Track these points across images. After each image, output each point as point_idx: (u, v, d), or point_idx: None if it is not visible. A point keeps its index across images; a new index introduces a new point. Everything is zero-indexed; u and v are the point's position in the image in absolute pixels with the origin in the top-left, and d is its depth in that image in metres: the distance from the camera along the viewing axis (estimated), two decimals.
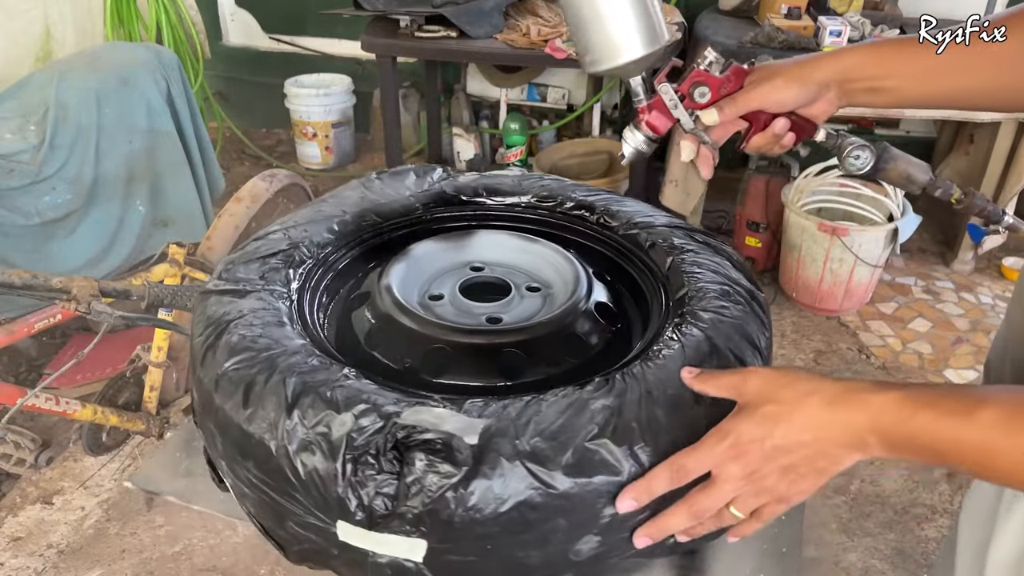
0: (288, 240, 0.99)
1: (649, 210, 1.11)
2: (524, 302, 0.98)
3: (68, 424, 2.17)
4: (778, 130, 0.90)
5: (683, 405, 0.74)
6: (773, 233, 3.06)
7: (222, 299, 0.88)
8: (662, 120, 0.92)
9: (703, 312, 0.87)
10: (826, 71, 0.87)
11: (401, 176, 1.16)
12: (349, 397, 0.72)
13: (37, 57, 2.92)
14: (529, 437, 0.69)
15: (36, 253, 2.19)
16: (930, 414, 0.61)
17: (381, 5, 2.96)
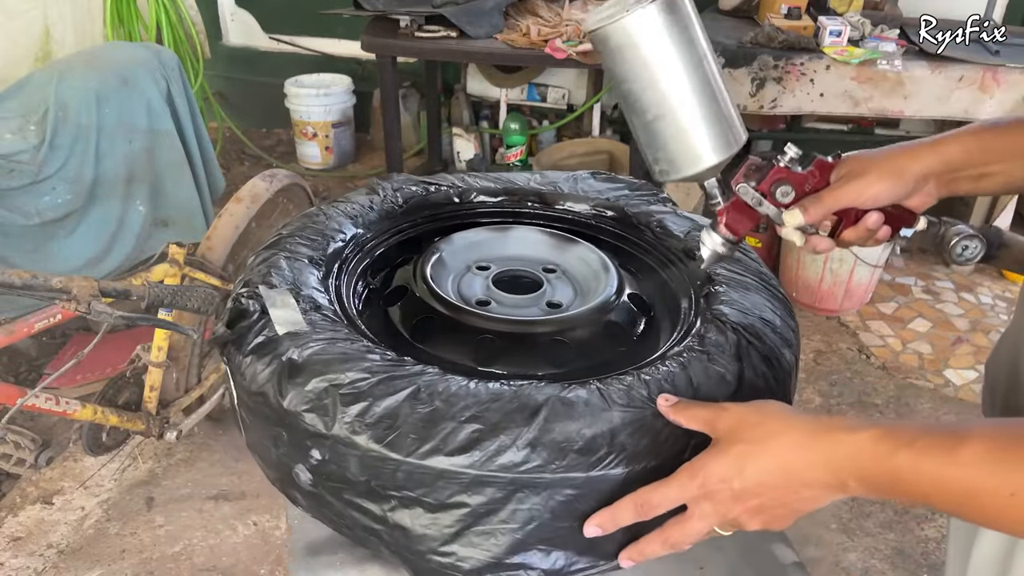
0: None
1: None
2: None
3: (68, 424, 2.17)
4: (872, 224, 0.83)
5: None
6: (773, 233, 3.06)
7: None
8: (741, 221, 0.85)
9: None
10: (925, 164, 0.81)
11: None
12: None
13: (36, 57, 2.92)
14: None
15: (36, 253, 2.19)
16: (910, 453, 0.57)
17: (381, 5, 2.96)
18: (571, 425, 0.72)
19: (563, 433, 0.71)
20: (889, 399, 2.55)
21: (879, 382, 2.62)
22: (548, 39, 2.82)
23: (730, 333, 0.85)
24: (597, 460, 0.71)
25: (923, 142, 0.83)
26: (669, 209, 1.10)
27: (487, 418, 0.72)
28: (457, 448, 0.70)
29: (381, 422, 0.72)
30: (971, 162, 0.81)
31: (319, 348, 0.80)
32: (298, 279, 0.92)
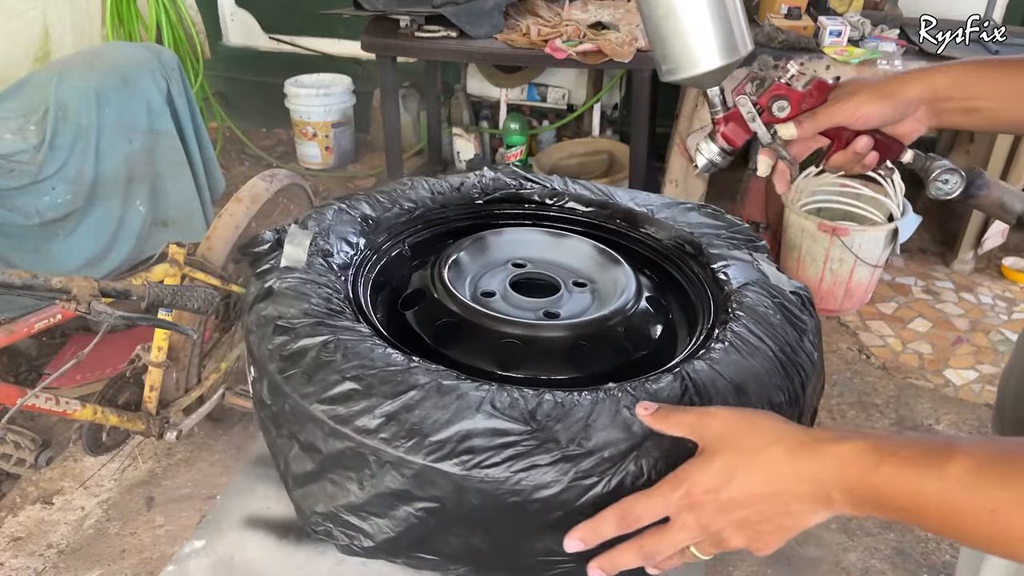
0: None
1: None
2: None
3: (68, 424, 2.18)
4: (860, 148, 0.85)
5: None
6: (773, 233, 3.06)
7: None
8: (738, 132, 0.89)
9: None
10: (916, 88, 0.83)
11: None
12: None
13: (35, 58, 2.92)
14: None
15: (36, 253, 2.19)
16: (894, 464, 0.56)
17: (381, 5, 2.96)
18: (435, 413, 0.73)
19: (421, 416, 0.73)
20: (889, 399, 2.55)
21: (879, 382, 2.62)
22: (548, 39, 2.82)
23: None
24: (445, 454, 0.71)
25: (917, 70, 0.85)
26: (747, 258, 1.02)
27: (367, 382, 0.76)
28: (327, 398, 0.76)
29: (290, 358, 0.80)
30: (961, 93, 0.82)
31: (291, 284, 0.89)
32: (336, 230, 1.01)
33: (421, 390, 0.75)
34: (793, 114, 0.86)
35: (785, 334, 0.87)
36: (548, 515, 0.71)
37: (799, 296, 0.94)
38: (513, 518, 0.72)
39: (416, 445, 0.72)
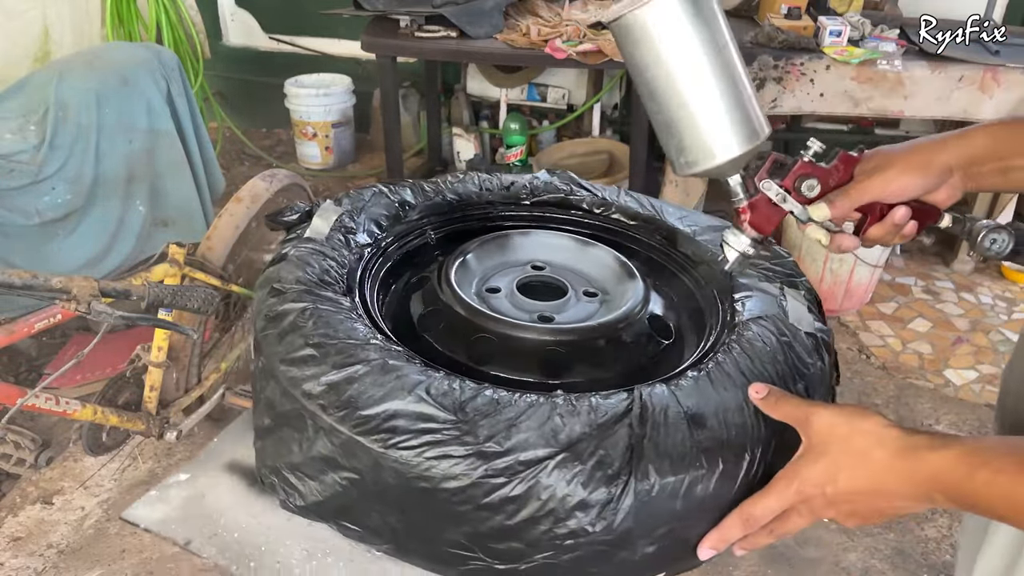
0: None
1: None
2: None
3: (68, 424, 2.17)
4: (898, 220, 0.82)
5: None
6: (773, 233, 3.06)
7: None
8: (767, 218, 0.84)
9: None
10: (950, 156, 0.80)
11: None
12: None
13: (35, 58, 2.92)
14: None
15: (36, 253, 2.19)
16: (986, 473, 0.61)
17: (381, 5, 2.95)
18: (371, 389, 0.76)
19: (359, 391, 0.75)
20: (889, 399, 2.55)
21: (879, 382, 2.62)
22: (548, 39, 2.82)
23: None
24: (368, 429, 0.74)
25: (949, 134, 0.82)
26: (774, 292, 0.99)
27: (324, 350, 0.79)
28: (288, 360, 0.81)
29: (272, 321, 0.86)
30: (997, 154, 0.80)
31: (301, 253, 0.94)
32: (370, 211, 1.05)
33: (367, 365, 0.78)
34: (823, 192, 0.83)
35: (775, 374, 0.84)
36: (455, 507, 0.72)
37: (815, 339, 0.90)
38: (423, 504, 0.74)
39: (346, 416, 0.75)
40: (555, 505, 0.70)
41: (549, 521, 0.71)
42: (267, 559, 0.87)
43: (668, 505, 0.72)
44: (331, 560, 0.86)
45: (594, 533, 0.71)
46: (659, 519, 0.72)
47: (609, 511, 0.70)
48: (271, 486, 0.85)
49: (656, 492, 0.71)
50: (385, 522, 0.78)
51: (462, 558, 0.75)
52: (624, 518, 0.71)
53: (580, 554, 0.72)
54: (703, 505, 0.74)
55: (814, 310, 0.96)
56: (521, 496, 0.70)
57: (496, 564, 0.73)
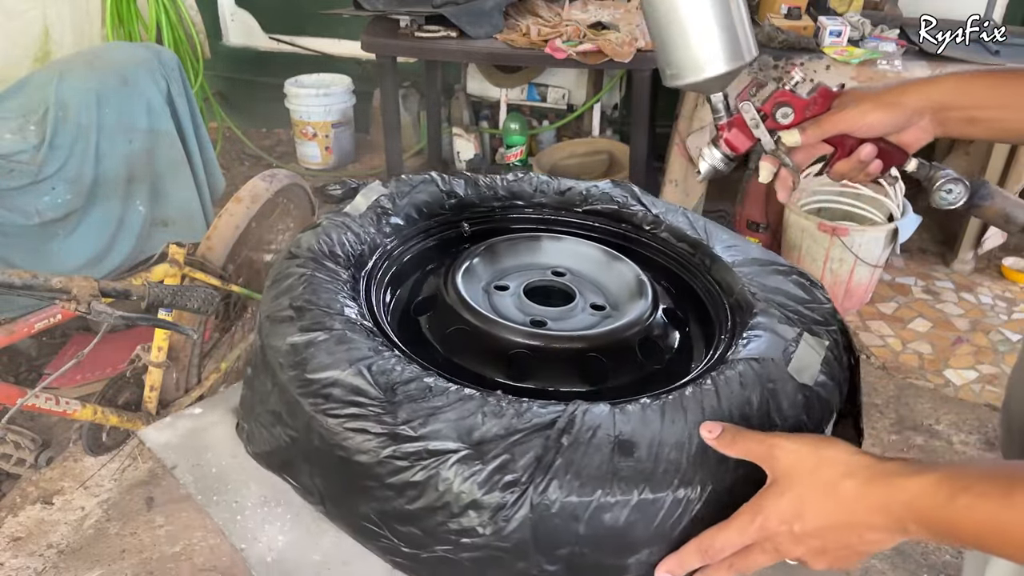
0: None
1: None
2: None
3: (68, 424, 2.18)
4: (864, 156, 0.85)
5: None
6: (773, 233, 3.06)
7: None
8: (742, 139, 0.88)
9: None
10: (920, 97, 0.83)
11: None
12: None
13: (35, 58, 2.92)
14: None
15: (36, 253, 2.19)
16: (967, 499, 0.58)
17: (381, 5, 2.96)
18: (322, 355, 0.80)
19: (312, 354, 0.80)
20: (889, 399, 2.55)
21: (879, 382, 2.62)
22: (548, 39, 2.82)
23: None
24: (308, 392, 0.78)
25: (920, 79, 0.85)
26: (787, 335, 0.90)
27: (301, 313, 0.85)
28: (270, 317, 0.87)
29: (276, 280, 0.92)
30: (965, 103, 0.82)
31: (328, 225, 1.00)
32: (414, 197, 1.09)
33: (328, 333, 0.82)
34: (797, 121, 0.85)
35: (739, 418, 0.77)
36: (365, 480, 0.74)
37: (805, 396, 0.83)
38: (341, 473, 0.76)
39: (295, 377, 0.80)
40: (450, 499, 0.70)
41: (444, 514, 0.71)
42: (228, 496, 0.94)
43: (570, 526, 0.69)
44: (280, 511, 0.92)
45: (485, 536, 0.70)
46: (559, 538, 0.70)
47: (501, 517, 0.69)
48: (239, 430, 0.93)
49: (556, 510, 0.69)
50: (314, 483, 0.82)
51: (374, 533, 0.77)
52: (518, 528, 0.69)
53: (478, 555, 0.71)
54: (613, 534, 0.70)
55: (833, 365, 0.88)
56: (421, 483, 0.71)
57: (402, 546, 0.75)
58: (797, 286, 1.00)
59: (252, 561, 0.86)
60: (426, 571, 0.76)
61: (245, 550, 0.87)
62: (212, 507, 0.93)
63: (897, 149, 0.86)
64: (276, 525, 0.90)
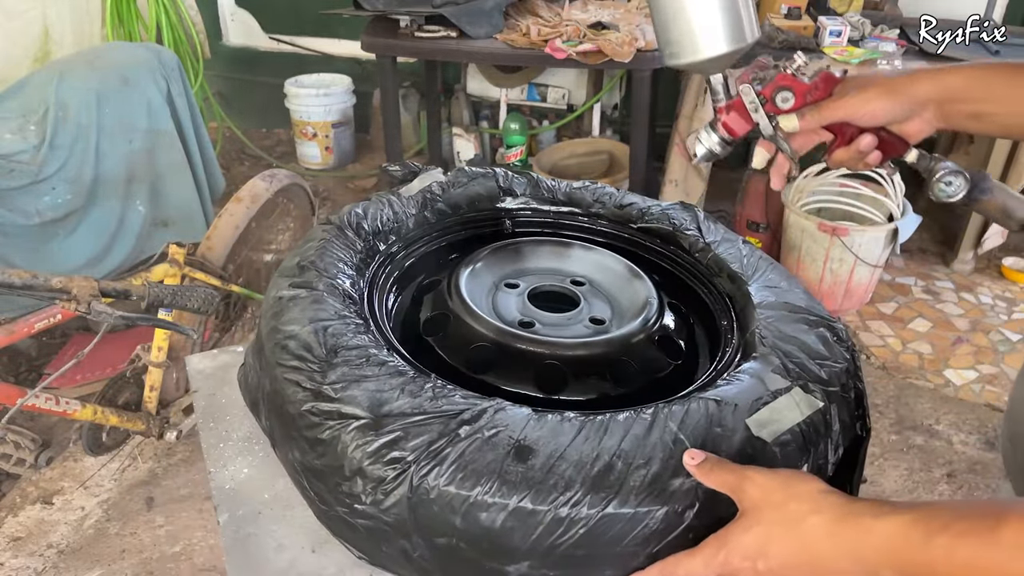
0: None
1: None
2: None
3: (68, 424, 2.17)
4: (864, 146, 0.83)
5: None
6: (773, 233, 3.06)
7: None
8: (740, 123, 0.86)
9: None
10: (927, 87, 0.80)
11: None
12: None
13: (35, 58, 2.92)
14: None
15: (36, 253, 2.19)
16: (945, 539, 0.54)
17: (381, 5, 2.95)
18: (293, 312, 0.85)
19: (285, 309, 0.86)
20: (889, 399, 2.55)
21: (879, 382, 2.62)
22: (548, 39, 2.82)
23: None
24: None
25: (928, 69, 0.82)
26: (776, 387, 0.82)
27: (300, 273, 0.90)
28: (274, 296, 0.90)
29: (298, 251, 0.97)
30: (970, 96, 0.79)
31: (375, 203, 1.04)
32: (471, 188, 1.12)
33: (310, 292, 0.87)
34: (797, 106, 0.83)
35: (656, 455, 0.72)
36: (289, 430, 0.79)
37: (750, 453, 0.75)
38: (279, 419, 0.82)
39: (267, 325, 0.86)
40: (344, 463, 0.73)
41: (338, 476, 0.73)
42: (222, 425, 1.03)
43: (447, 516, 0.69)
44: (256, 448, 0.99)
45: (366, 505, 0.72)
46: (437, 526, 0.70)
47: (381, 490, 0.71)
48: (240, 370, 0.98)
49: (435, 496, 0.69)
50: (267, 424, 0.87)
51: (299, 483, 0.81)
52: (395, 504, 0.70)
53: (368, 524, 0.73)
54: (488, 536, 0.69)
55: (819, 429, 0.79)
56: (325, 442, 0.74)
57: (316, 502, 0.79)
58: (819, 339, 0.90)
59: (214, 485, 0.92)
60: (334, 528, 0.80)
61: (212, 474, 0.94)
62: (205, 431, 1.01)
63: (898, 139, 0.84)
64: (247, 459, 0.97)
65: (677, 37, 0.78)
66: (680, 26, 0.78)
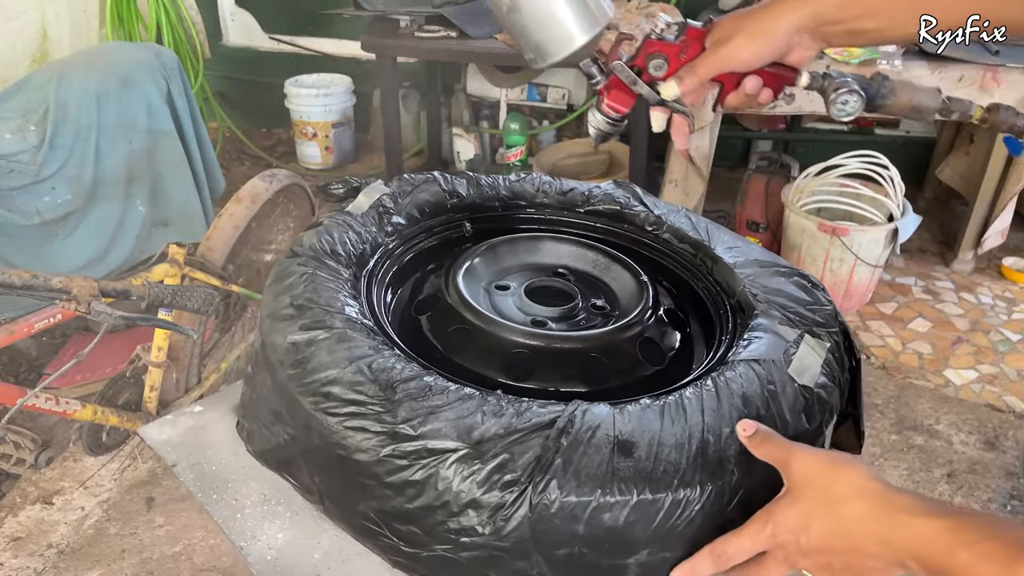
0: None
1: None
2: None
3: (68, 424, 2.17)
4: (750, 90, 0.82)
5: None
6: (773, 233, 3.06)
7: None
8: (623, 98, 0.85)
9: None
10: (794, 18, 0.78)
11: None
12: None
13: (33, 58, 2.92)
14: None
15: (36, 253, 2.19)
16: (969, 555, 0.56)
17: (381, 5, 2.95)
18: (322, 354, 0.80)
19: (313, 352, 0.80)
20: (889, 399, 2.55)
21: (879, 382, 2.62)
22: None
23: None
24: (308, 391, 0.78)
25: None
26: (787, 337, 0.90)
27: (303, 312, 0.85)
28: (271, 315, 0.87)
29: (277, 279, 0.92)
30: (843, 15, 0.77)
31: (329, 224, 1.00)
32: (417, 197, 1.09)
33: (329, 332, 0.82)
34: (672, 70, 0.82)
35: (732, 423, 0.77)
36: (364, 479, 0.74)
37: (810, 395, 0.83)
38: (340, 472, 0.76)
39: (295, 375, 0.80)
40: (449, 498, 0.70)
41: (443, 513, 0.71)
42: (228, 494, 0.94)
43: (569, 526, 0.69)
44: (280, 509, 0.91)
45: (484, 535, 0.70)
46: (559, 538, 0.70)
47: (500, 516, 0.69)
48: (240, 428, 0.93)
49: (555, 509, 0.69)
50: (313, 482, 0.81)
51: (373, 532, 0.76)
52: (517, 527, 0.69)
53: (477, 555, 0.71)
54: (611, 534, 0.70)
55: (833, 367, 0.88)
56: (420, 482, 0.71)
57: (402, 545, 0.75)
58: (798, 288, 0.99)
59: (252, 559, 0.86)
60: (425, 570, 0.76)
61: (245, 548, 0.87)
62: (212, 505, 0.93)
63: (785, 70, 0.82)
64: (276, 523, 0.90)
65: (532, 42, 0.79)
66: (531, 32, 0.78)
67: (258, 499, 0.93)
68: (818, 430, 0.83)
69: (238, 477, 0.96)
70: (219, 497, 0.94)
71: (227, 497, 0.94)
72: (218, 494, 0.94)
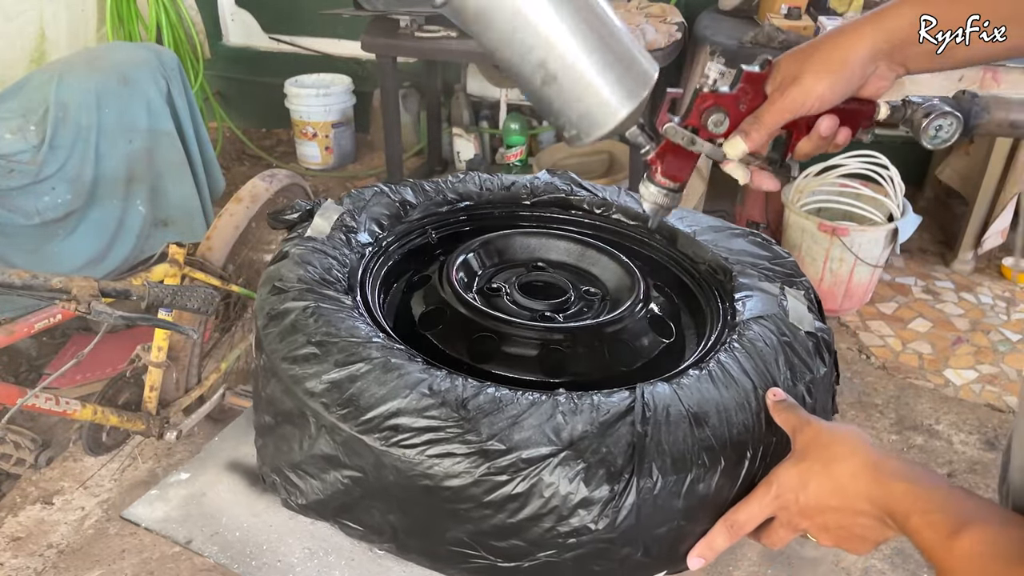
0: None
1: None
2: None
3: (68, 424, 2.17)
4: (825, 131, 0.72)
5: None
6: (773, 233, 3.06)
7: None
8: (680, 164, 0.75)
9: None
10: (869, 45, 0.69)
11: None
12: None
13: (32, 59, 2.92)
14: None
15: (36, 253, 2.19)
16: (919, 522, 0.59)
17: (381, 5, 2.95)
18: (373, 387, 0.76)
19: (361, 388, 0.76)
20: (889, 399, 2.55)
21: (879, 382, 2.62)
22: None
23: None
24: (371, 427, 0.74)
25: (865, 18, 0.70)
26: (775, 291, 0.97)
27: (327, 348, 0.80)
28: (289, 358, 0.82)
29: (274, 320, 0.87)
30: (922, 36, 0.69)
31: (302, 252, 0.96)
32: (371, 211, 1.08)
33: (369, 363, 0.78)
34: (734, 124, 0.72)
35: (776, 374, 0.83)
36: (457, 505, 0.72)
37: (815, 339, 0.88)
38: (425, 502, 0.73)
39: (348, 414, 0.76)
40: (558, 503, 0.70)
41: (552, 519, 0.71)
42: (268, 557, 0.87)
43: (670, 503, 0.72)
44: (333, 559, 0.87)
45: (597, 531, 0.71)
46: (661, 517, 0.72)
47: (611, 509, 0.70)
48: (272, 484, 0.85)
49: (659, 490, 0.71)
50: (386, 520, 0.77)
51: (464, 556, 0.75)
52: (627, 516, 0.71)
53: (583, 552, 0.72)
54: (705, 503, 0.74)
55: (814, 310, 0.96)
56: (523, 494, 0.70)
57: (499, 562, 0.73)
58: (757, 246, 1.05)
59: None
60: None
61: None
62: (257, 574, 0.86)
63: (862, 104, 0.73)
64: (336, 574, 0.86)
65: (570, 120, 0.68)
66: (570, 109, 0.67)
67: (304, 554, 0.88)
68: (833, 366, 0.89)
69: (270, 537, 0.90)
70: (260, 563, 0.87)
71: (269, 561, 0.87)
72: (257, 560, 0.88)
